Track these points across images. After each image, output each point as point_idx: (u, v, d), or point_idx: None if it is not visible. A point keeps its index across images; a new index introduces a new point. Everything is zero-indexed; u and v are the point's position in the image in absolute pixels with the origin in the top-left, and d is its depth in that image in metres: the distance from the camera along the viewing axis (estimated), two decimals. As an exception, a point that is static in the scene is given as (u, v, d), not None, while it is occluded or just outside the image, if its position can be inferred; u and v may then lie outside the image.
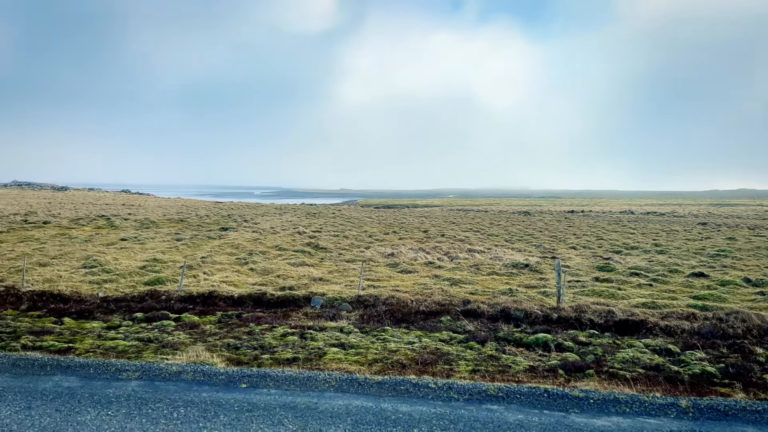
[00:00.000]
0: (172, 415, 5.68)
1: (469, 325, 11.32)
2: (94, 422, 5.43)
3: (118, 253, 21.25)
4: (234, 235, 29.82)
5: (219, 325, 11.58)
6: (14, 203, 59.55)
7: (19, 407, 5.77)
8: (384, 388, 6.82)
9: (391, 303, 13.13)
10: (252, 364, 8.36)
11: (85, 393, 6.24)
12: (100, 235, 28.90)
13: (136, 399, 6.09)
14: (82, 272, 16.88)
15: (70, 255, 20.39)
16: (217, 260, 19.86)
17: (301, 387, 6.73)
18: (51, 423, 5.38)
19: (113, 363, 7.58)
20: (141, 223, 37.84)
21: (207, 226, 36.76)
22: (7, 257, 19.74)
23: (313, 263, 19.94)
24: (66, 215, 43.45)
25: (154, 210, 54.64)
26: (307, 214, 55.05)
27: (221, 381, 6.85)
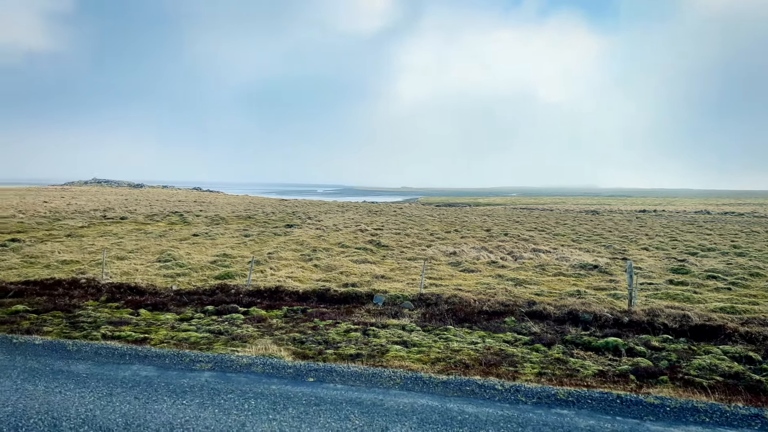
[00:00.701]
0: (243, 406, 5.86)
1: (535, 327, 11.08)
2: (170, 411, 5.68)
3: (190, 248, 22.15)
4: (298, 231, 30.46)
5: (285, 320, 11.85)
6: (94, 200, 63.26)
7: (101, 394, 6.12)
8: (449, 387, 6.77)
9: (453, 302, 13.04)
10: (317, 358, 8.51)
11: (162, 382, 6.54)
12: (173, 231, 30.23)
13: (209, 389, 6.32)
14: (157, 266, 17.69)
15: (146, 249, 21.43)
16: (283, 256, 20.34)
17: (366, 383, 6.79)
18: (130, 410, 5.67)
19: (187, 354, 7.91)
20: (211, 220, 39.33)
21: (273, 222, 37.74)
22: (88, 251, 20.97)
23: (375, 261, 20.07)
24: (142, 211, 45.73)
25: (223, 207, 56.65)
26: (369, 211, 55.51)
27: (289, 374, 7.01)
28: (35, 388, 6.24)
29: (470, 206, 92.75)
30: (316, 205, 69.04)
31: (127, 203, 58.12)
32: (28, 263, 17.98)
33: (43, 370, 6.93)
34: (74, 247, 21.99)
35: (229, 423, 5.44)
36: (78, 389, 6.24)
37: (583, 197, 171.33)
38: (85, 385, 6.37)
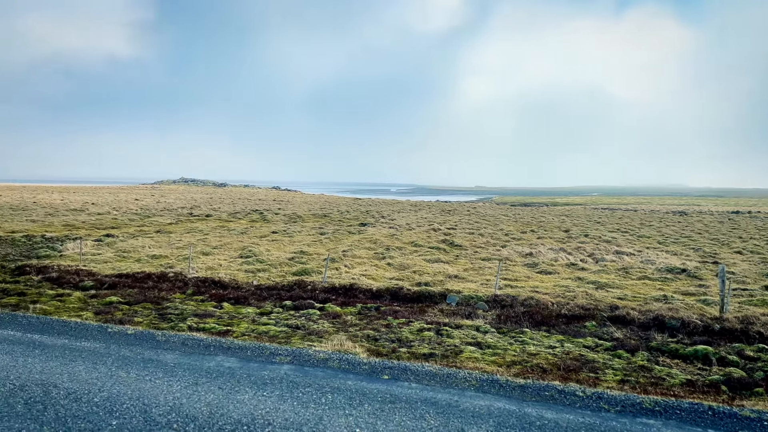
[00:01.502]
0: (321, 401, 5.97)
1: (617, 332, 10.61)
2: (251, 401, 5.88)
3: (270, 244, 22.88)
4: (372, 230, 30.76)
5: (359, 317, 11.99)
6: (181, 198, 66.71)
7: (188, 383, 6.43)
8: (527, 392, 6.60)
9: (529, 304, 12.72)
10: (390, 356, 8.54)
11: (243, 374, 6.78)
12: (254, 228, 31.37)
13: (288, 382, 6.50)
14: (239, 261, 18.39)
15: (229, 245, 22.34)
16: (357, 254, 20.59)
17: (441, 383, 6.74)
18: (214, 400, 5.92)
19: (267, 347, 8.16)
20: (289, 218, 40.49)
21: (347, 221, 38.34)
22: (175, 246, 22.12)
23: (448, 260, 19.92)
24: (225, 209, 47.76)
25: (300, 205, 58.19)
26: (442, 211, 55.22)
27: (364, 371, 7.08)
28: (128, 375, 6.64)
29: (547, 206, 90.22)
30: (389, 204, 69.50)
31: (212, 201, 60.91)
32: (121, 257, 19.20)
33: (134, 359, 7.37)
34: (163, 242, 23.28)
35: (307, 416, 5.56)
36: (166, 378, 6.59)
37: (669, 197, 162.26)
38: (172, 374, 6.72)
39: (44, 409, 5.53)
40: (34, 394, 5.94)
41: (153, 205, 51.57)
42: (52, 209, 42.67)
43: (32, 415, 5.40)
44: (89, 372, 6.72)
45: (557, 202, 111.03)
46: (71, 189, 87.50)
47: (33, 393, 5.96)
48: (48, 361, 7.14)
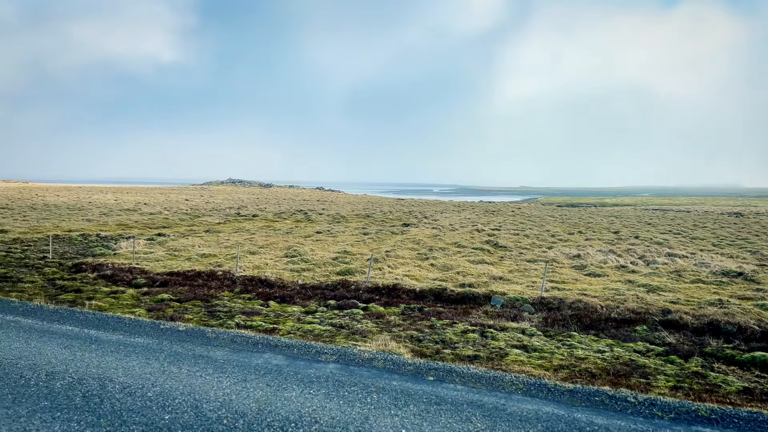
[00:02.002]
0: (366, 400, 6.00)
1: (669, 337, 10.26)
2: (298, 399, 5.96)
3: (314, 244, 23.14)
4: (415, 231, 30.71)
5: (402, 317, 11.98)
6: (229, 198, 68.27)
7: (237, 379, 6.57)
8: (576, 396, 6.45)
9: (577, 307, 12.44)
10: (434, 357, 8.51)
11: (290, 371, 6.88)
12: (298, 228, 31.81)
13: (333, 381, 6.55)
14: (284, 261, 18.68)
15: (274, 245, 22.72)
16: (400, 254, 20.60)
17: (487, 386, 6.67)
18: (263, 396, 6.02)
19: (313, 345, 8.25)
20: (333, 218, 40.87)
21: (390, 221, 38.41)
22: (224, 245, 22.64)
23: (493, 261, 19.69)
24: (271, 209, 48.61)
25: (343, 206, 58.67)
26: (486, 211, 54.65)
27: (409, 371, 7.07)
28: (179, 371, 6.83)
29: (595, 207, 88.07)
30: (432, 204, 69.25)
31: (258, 202, 62.10)
32: (171, 256, 19.78)
33: (186, 355, 7.58)
34: (212, 241, 23.87)
35: (353, 415, 5.60)
36: (216, 374, 6.75)
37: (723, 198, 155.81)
38: (222, 371, 6.87)
39: (101, 403, 5.74)
40: (91, 387, 6.18)
41: (202, 205, 52.98)
42: (107, 209, 44.37)
43: (90, 407, 5.61)
44: (143, 367, 6.95)
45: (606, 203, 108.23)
46: (124, 189, 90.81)
47: (90, 386, 6.20)
48: (104, 356, 7.42)
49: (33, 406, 5.61)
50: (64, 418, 5.33)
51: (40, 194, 66.43)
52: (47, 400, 5.76)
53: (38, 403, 5.67)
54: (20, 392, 5.97)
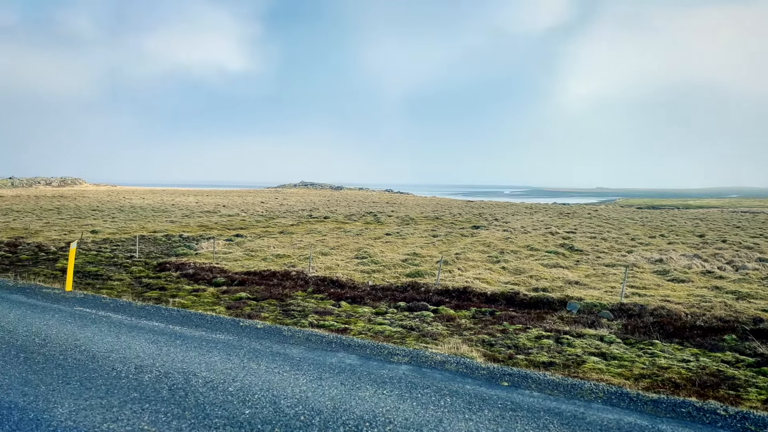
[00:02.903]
0: (439, 403, 5.97)
1: (761, 348, 9.58)
2: (372, 399, 6.01)
3: (383, 246, 23.31)
4: (485, 233, 30.29)
5: (473, 321, 11.85)
6: (301, 201, 69.98)
7: (312, 377, 6.72)
8: (660, 407, 6.14)
9: (659, 314, 11.86)
10: (507, 362, 8.35)
11: (364, 371, 6.96)
12: (368, 230, 32.14)
13: (406, 382, 6.57)
14: (355, 262, 18.93)
15: (345, 246, 23.07)
16: (470, 257, 20.38)
17: (564, 393, 6.47)
18: (337, 395, 6.13)
19: (385, 346, 8.31)
20: (402, 220, 41.01)
21: (459, 224, 38.09)
22: (297, 246, 23.23)
23: (568, 265, 19.10)
24: (341, 211, 49.42)
25: (412, 208, 58.75)
26: (560, 213, 53.10)
27: (483, 376, 6.98)
28: (258, 367, 7.07)
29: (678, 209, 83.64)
30: (502, 206, 68.07)
31: (329, 204, 63.31)
32: (248, 256, 20.50)
33: (264, 352, 7.83)
34: (286, 242, 24.55)
35: (427, 417, 5.58)
36: (293, 371, 6.93)
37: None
38: (298, 368, 7.05)
39: (185, 396, 6.03)
40: (176, 381, 6.50)
41: (276, 207, 54.62)
42: (188, 211, 46.59)
43: (175, 400, 5.91)
44: (224, 363, 7.24)
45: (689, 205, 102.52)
46: (204, 192, 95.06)
47: (176, 380, 6.53)
48: (188, 351, 7.78)
49: (124, 397, 5.97)
50: (152, 410, 5.63)
51: (127, 197, 70.75)
52: (137, 392, 6.11)
53: (129, 395, 6.03)
54: (112, 383, 6.37)
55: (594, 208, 71.44)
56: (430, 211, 52.58)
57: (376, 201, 75.65)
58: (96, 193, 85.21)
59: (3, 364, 6.92)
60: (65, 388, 6.15)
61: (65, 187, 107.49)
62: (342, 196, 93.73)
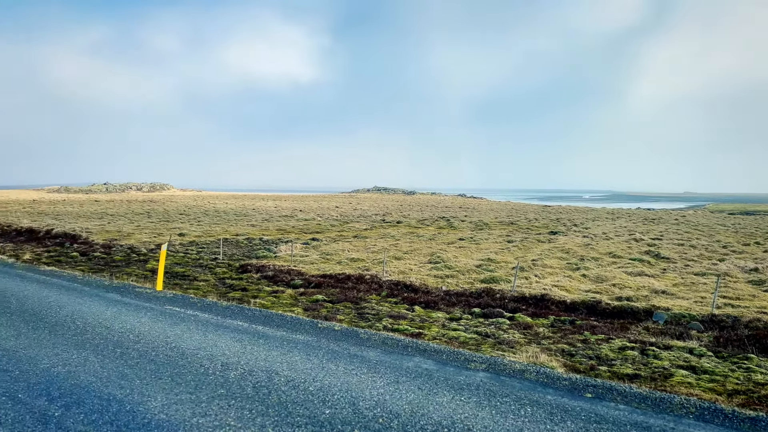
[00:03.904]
0: (519, 412, 5.86)
1: None
2: (449, 405, 5.99)
3: (457, 251, 23.14)
4: (563, 239, 29.40)
5: (552, 329, 11.55)
6: (375, 205, 70.69)
7: (389, 380, 6.78)
8: (759, 425, 5.73)
9: (755, 327, 11.07)
10: (589, 373, 8.07)
11: (440, 377, 6.94)
12: (441, 235, 32.01)
13: (484, 390, 6.49)
14: (428, 267, 18.90)
15: (418, 251, 23.08)
16: (547, 264, 19.85)
17: (652, 407, 6.17)
18: (415, 399, 6.14)
19: (462, 352, 8.26)
20: (475, 225, 40.54)
21: (536, 229, 37.16)
22: (371, 250, 23.48)
23: (654, 274, 18.19)
24: (413, 216, 49.50)
25: (486, 213, 57.95)
26: (644, 219, 50.65)
27: (564, 386, 6.78)
28: (337, 368, 7.21)
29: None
30: (581, 211, 65.78)
31: (402, 209, 63.60)
32: (324, 259, 20.94)
33: (342, 353, 7.98)
34: (360, 246, 24.89)
35: (507, 426, 5.50)
36: (370, 374, 7.02)
37: None
38: (375, 371, 7.13)
39: (269, 393, 6.25)
40: (260, 379, 6.75)
41: (350, 212, 55.49)
42: (268, 215, 48.23)
43: (259, 397, 6.13)
44: (304, 363, 7.44)
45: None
46: (282, 197, 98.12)
47: (259, 378, 6.78)
48: (270, 350, 8.06)
49: (211, 393, 6.26)
50: (237, 406, 5.87)
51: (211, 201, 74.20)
52: (223, 388, 6.39)
53: (216, 391, 6.32)
54: (201, 380, 6.70)
55: (681, 214, 67.59)
56: (505, 216, 51.64)
57: (449, 206, 75.18)
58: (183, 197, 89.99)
59: (102, 359, 7.44)
60: (158, 383, 6.53)
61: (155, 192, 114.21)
62: (414, 200, 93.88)
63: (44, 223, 35.44)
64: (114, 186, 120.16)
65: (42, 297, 11.72)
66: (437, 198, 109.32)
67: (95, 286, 13.58)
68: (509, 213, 58.51)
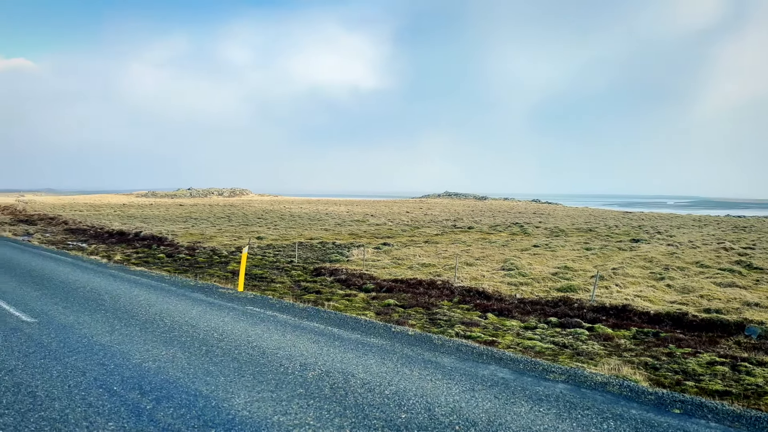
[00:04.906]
0: (602, 426, 5.66)
1: None
2: (528, 415, 5.86)
3: (531, 258, 22.62)
4: (646, 247, 28.09)
5: (634, 341, 11.10)
6: (445, 211, 70.35)
7: (464, 388, 6.73)
8: None
9: None
10: (674, 388, 7.69)
11: (518, 386, 6.81)
12: (514, 241, 31.40)
13: (564, 402, 6.31)
14: (501, 274, 18.60)
15: (490, 257, 22.76)
16: (629, 273, 19.04)
17: (748, 426, 5.79)
18: (491, 408, 6.06)
19: (539, 363, 8.07)
20: (551, 231, 39.48)
21: (616, 236, 35.72)
22: (442, 256, 23.39)
23: (745, 285, 17.04)
24: (485, 222, 48.86)
25: (562, 219, 56.30)
26: (735, 227, 47.52)
27: (650, 401, 6.48)
28: (411, 373, 7.25)
29: None
30: (665, 218, 62.55)
31: (473, 214, 62.93)
32: (395, 264, 21.07)
33: (416, 358, 8.01)
34: (430, 252, 24.86)
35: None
36: (445, 380, 7.00)
37: None
38: (450, 378, 7.11)
39: (345, 395, 6.37)
40: (337, 380, 6.89)
41: (421, 217, 55.52)
42: (340, 219, 49.11)
43: (336, 398, 6.26)
44: (378, 366, 7.53)
45: None
46: (353, 202, 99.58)
47: (336, 379, 6.92)
48: (345, 352, 8.21)
49: (291, 392, 6.45)
50: (316, 406, 6.02)
51: (286, 206, 76.45)
52: (302, 388, 6.57)
53: (295, 390, 6.50)
54: (281, 378, 6.92)
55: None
56: (582, 223, 49.94)
57: (522, 211, 73.60)
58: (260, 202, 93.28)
59: (189, 356, 7.83)
60: (240, 380, 6.80)
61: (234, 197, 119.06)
62: (486, 206, 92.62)
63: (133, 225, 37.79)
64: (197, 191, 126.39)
65: (133, 296, 12.49)
66: (510, 203, 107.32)
67: (181, 286, 14.33)
68: (587, 219, 56.54)
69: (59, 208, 61.55)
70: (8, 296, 11.89)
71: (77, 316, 10.20)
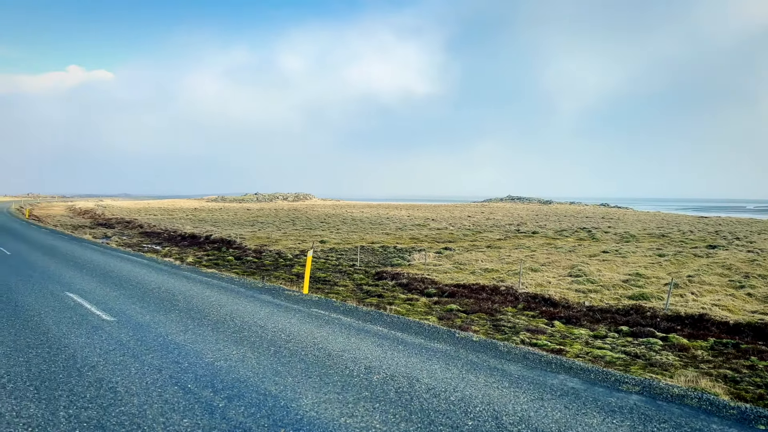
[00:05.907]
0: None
1: None
2: (600, 427, 5.66)
3: (600, 264, 21.88)
4: (724, 254, 26.58)
5: (712, 353, 10.58)
6: (508, 215, 69.16)
7: (533, 396, 6.57)
8: None
9: None
10: (757, 403, 7.26)
11: (589, 397, 6.59)
12: (582, 246, 30.47)
13: (639, 414, 6.05)
14: (568, 280, 18.09)
15: (556, 263, 22.18)
16: (706, 280, 18.09)
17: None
18: (562, 418, 5.89)
19: (612, 373, 7.79)
20: (621, 237, 38.06)
21: (691, 242, 34.03)
22: (505, 261, 23.01)
23: (839, 296, 15.82)
24: (551, 226, 47.67)
25: (632, 224, 54.17)
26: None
27: (731, 416, 6.11)
28: (477, 380, 7.15)
29: None
30: (744, 223, 58.95)
31: (537, 218, 61.55)
32: (457, 269, 20.91)
33: (481, 365, 7.90)
34: (493, 257, 24.50)
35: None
36: (512, 388, 6.86)
37: None
38: (517, 386, 6.96)
39: (411, 400, 6.36)
40: (401, 384, 6.90)
41: (483, 221, 54.81)
42: (401, 224, 49.23)
43: (402, 402, 6.26)
44: (443, 372, 7.48)
45: None
46: (414, 206, 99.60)
47: (401, 383, 6.93)
48: (409, 356, 8.22)
49: (356, 394, 6.51)
50: (382, 409, 6.04)
51: (348, 210, 77.42)
52: (367, 391, 6.62)
53: (360, 393, 6.56)
54: (346, 381, 7.00)
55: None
56: (654, 228, 47.84)
57: (590, 216, 71.29)
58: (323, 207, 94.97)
59: (258, 356, 8.05)
60: (307, 381, 6.93)
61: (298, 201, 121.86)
62: (551, 210, 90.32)
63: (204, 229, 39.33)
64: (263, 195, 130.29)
65: (205, 297, 12.99)
66: (576, 208, 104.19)
67: (249, 287, 14.77)
68: (659, 224, 54.13)
69: (135, 212, 64.93)
70: (90, 296, 12.63)
71: (153, 315, 10.71)
